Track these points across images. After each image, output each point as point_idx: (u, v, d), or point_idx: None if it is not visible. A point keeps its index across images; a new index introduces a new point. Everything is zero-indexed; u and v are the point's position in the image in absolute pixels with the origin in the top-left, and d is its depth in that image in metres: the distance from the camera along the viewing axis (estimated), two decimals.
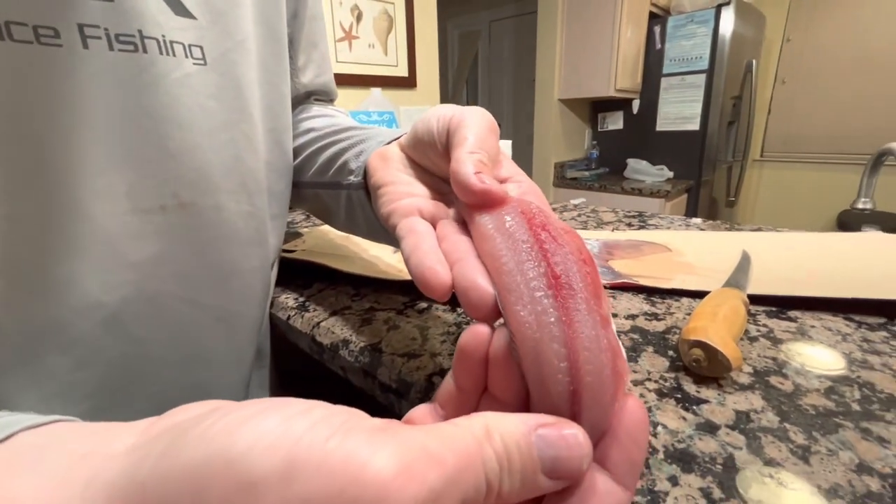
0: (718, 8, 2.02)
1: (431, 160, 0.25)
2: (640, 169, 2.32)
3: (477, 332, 0.16)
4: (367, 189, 0.31)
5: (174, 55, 0.27)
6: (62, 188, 0.23)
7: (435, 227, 0.22)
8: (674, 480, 0.21)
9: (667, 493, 0.20)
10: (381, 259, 0.51)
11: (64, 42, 0.22)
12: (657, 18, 2.23)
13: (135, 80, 0.25)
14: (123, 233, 0.26)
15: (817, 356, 0.30)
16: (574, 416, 0.14)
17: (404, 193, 0.25)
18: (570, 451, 0.12)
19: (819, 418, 0.24)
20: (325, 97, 0.50)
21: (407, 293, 0.43)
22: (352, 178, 0.32)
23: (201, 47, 0.29)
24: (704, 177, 2.24)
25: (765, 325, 0.35)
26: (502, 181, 0.23)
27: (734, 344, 0.28)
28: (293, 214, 0.77)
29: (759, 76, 2.34)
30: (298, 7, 0.42)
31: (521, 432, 0.12)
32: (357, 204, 0.33)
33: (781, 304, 0.38)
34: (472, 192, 0.19)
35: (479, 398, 0.17)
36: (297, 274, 0.49)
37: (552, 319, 0.14)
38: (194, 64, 0.28)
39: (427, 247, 0.20)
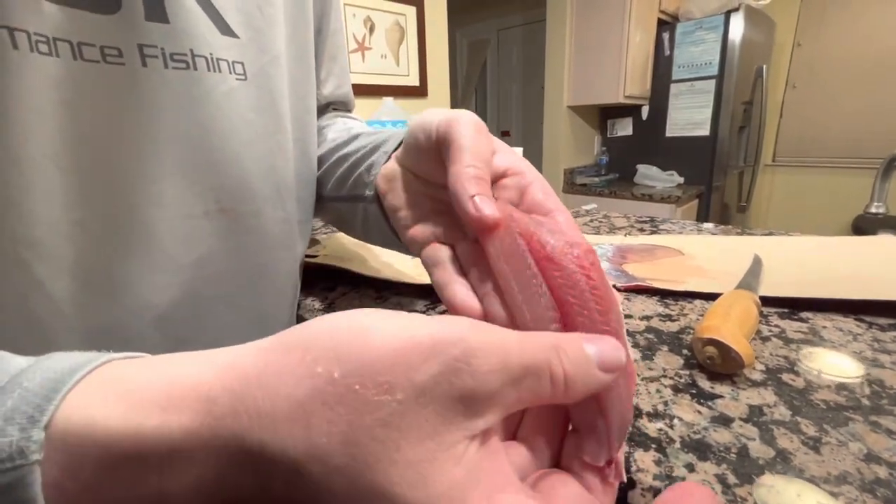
0: (728, 14, 2.03)
1: (428, 169, 0.26)
2: (651, 175, 2.32)
3: None
4: (380, 202, 0.32)
5: (220, 71, 0.29)
6: (122, 195, 0.25)
7: (455, 250, 0.23)
8: (690, 467, 0.22)
9: (684, 479, 0.21)
10: (394, 266, 0.52)
11: (126, 61, 0.25)
12: (666, 25, 2.25)
13: (186, 95, 0.27)
14: (172, 237, 0.28)
15: (828, 354, 0.31)
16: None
17: (416, 217, 0.26)
18: (610, 346, 0.15)
19: (829, 412, 0.25)
20: (343, 107, 0.52)
21: (427, 296, 0.44)
22: (366, 191, 0.33)
23: (242, 63, 0.31)
24: (715, 182, 2.24)
25: (777, 326, 0.36)
26: (501, 175, 0.23)
27: (746, 342, 0.29)
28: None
29: (770, 81, 2.34)
30: (322, 24, 0.45)
31: (575, 338, 0.15)
32: (372, 217, 0.34)
33: (793, 306, 0.39)
34: (471, 219, 0.20)
35: None
36: (320, 278, 0.51)
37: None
38: (237, 79, 0.31)
39: (454, 279, 0.22)
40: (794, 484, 0.20)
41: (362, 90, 1.51)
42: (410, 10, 1.63)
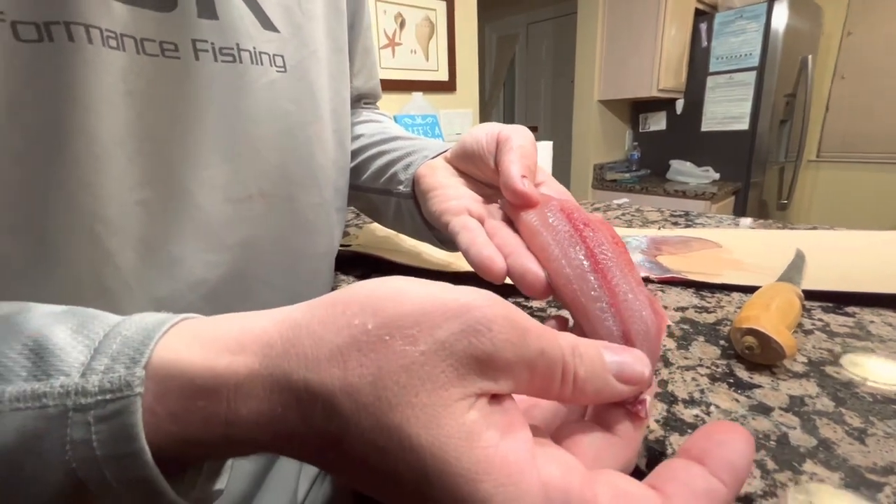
0: (771, 2, 1.94)
1: (478, 168, 0.30)
2: (684, 170, 2.25)
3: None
4: (414, 198, 0.35)
5: (262, 64, 0.31)
6: (177, 179, 0.27)
7: (483, 225, 0.26)
8: None
9: None
10: (425, 255, 0.53)
11: (181, 55, 0.26)
12: (703, 15, 2.17)
13: (232, 86, 0.29)
14: (220, 219, 0.30)
15: (876, 348, 0.30)
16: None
17: (452, 196, 0.30)
18: (633, 358, 0.16)
19: (876, 405, 0.25)
20: (372, 99, 0.55)
21: (460, 283, 0.45)
22: (401, 188, 0.37)
23: (282, 56, 0.32)
24: (754, 178, 2.15)
25: (820, 320, 0.35)
26: (538, 184, 0.27)
27: (788, 333, 0.28)
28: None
29: (816, 72, 2.22)
30: (355, 19, 0.46)
31: (594, 344, 0.16)
32: (406, 211, 0.38)
33: (838, 300, 0.37)
34: (518, 193, 0.24)
35: None
36: (354, 266, 0.53)
37: (595, 286, 0.18)
38: (277, 71, 0.32)
39: (482, 240, 0.24)
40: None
41: (392, 85, 1.52)
42: (441, 6, 1.63)
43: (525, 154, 0.26)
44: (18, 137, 0.21)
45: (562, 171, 2.52)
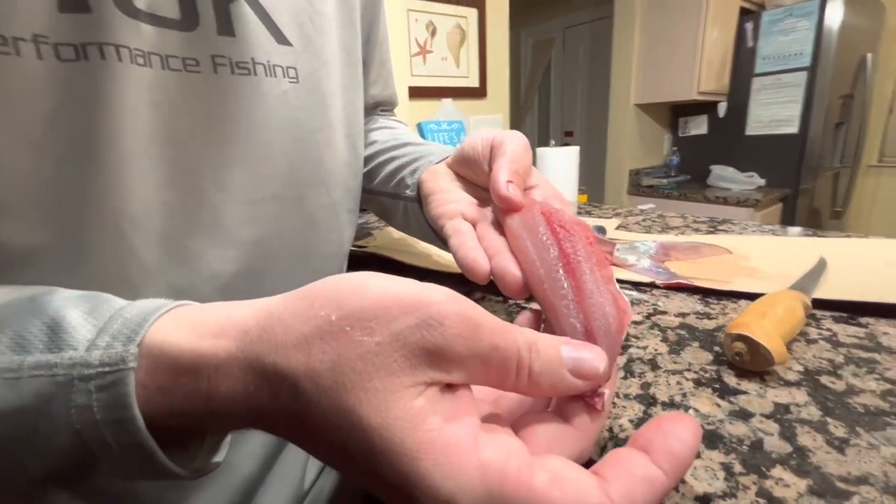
0: None
1: (474, 173, 0.32)
2: (727, 176, 2.15)
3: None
4: (419, 201, 0.38)
5: (275, 76, 0.33)
6: (196, 181, 0.30)
7: (476, 227, 0.28)
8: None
9: None
10: (434, 257, 0.55)
11: (201, 69, 0.29)
12: (749, 14, 2.08)
13: (247, 97, 0.32)
14: (235, 218, 0.33)
15: (880, 360, 0.29)
16: None
17: (449, 200, 0.32)
18: (590, 355, 0.17)
19: (867, 416, 0.24)
20: (388, 106, 0.58)
21: (464, 284, 0.46)
22: (408, 192, 0.39)
23: (295, 68, 0.35)
24: (804, 185, 2.03)
25: (828, 329, 0.33)
26: (531, 187, 0.29)
27: (780, 340, 0.28)
28: (366, 216, 0.85)
29: (878, 71, 2.07)
30: (371, 33, 0.49)
31: (553, 341, 0.17)
32: (412, 213, 0.40)
33: (854, 311, 0.36)
34: (503, 197, 0.25)
35: None
36: (369, 266, 0.55)
37: (564, 285, 0.20)
38: (290, 82, 0.35)
39: (471, 243, 0.26)
40: None
41: (422, 92, 1.55)
42: (472, 13, 1.65)
43: (515, 159, 0.27)
44: (57, 143, 0.24)
45: (597, 176, 2.47)
